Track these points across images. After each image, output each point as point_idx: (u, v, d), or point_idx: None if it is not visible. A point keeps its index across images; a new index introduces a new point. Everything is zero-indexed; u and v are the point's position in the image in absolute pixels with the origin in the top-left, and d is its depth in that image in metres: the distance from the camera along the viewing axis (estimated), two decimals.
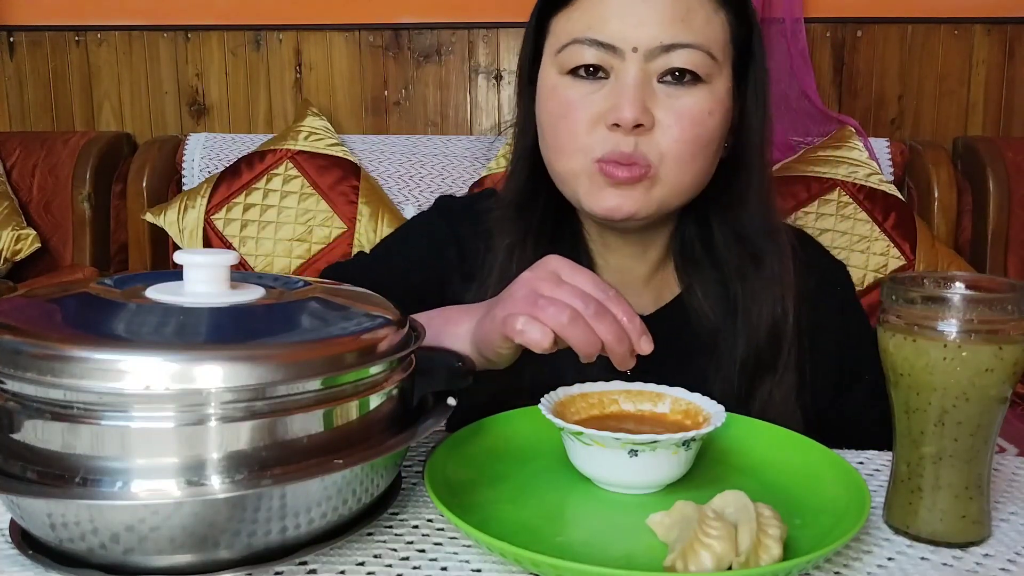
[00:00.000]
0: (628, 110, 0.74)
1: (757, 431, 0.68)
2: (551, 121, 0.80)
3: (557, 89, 0.79)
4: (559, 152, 0.79)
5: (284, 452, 0.48)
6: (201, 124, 2.35)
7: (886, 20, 2.17)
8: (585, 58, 0.76)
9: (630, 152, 0.75)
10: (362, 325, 0.54)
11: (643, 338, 0.61)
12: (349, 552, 0.53)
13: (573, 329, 0.59)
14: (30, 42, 2.35)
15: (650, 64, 0.75)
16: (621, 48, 0.75)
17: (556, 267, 0.63)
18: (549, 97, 0.80)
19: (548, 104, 0.80)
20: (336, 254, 1.99)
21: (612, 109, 0.75)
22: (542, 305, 0.60)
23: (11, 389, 0.47)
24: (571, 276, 0.62)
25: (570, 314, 0.59)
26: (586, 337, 0.59)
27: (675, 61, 0.75)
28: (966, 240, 2.06)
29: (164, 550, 0.47)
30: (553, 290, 0.61)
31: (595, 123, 0.76)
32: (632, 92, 0.74)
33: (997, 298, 0.52)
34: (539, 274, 0.63)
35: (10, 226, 2.06)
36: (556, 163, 0.80)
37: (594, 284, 0.62)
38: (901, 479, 0.57)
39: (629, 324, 0.61)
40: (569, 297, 0.60)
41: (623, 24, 0.75)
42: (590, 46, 0.76)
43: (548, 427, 0.62)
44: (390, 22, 2.26)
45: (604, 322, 0.60)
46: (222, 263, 0.54)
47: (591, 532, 0.56)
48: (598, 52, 0.76)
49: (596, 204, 0.78)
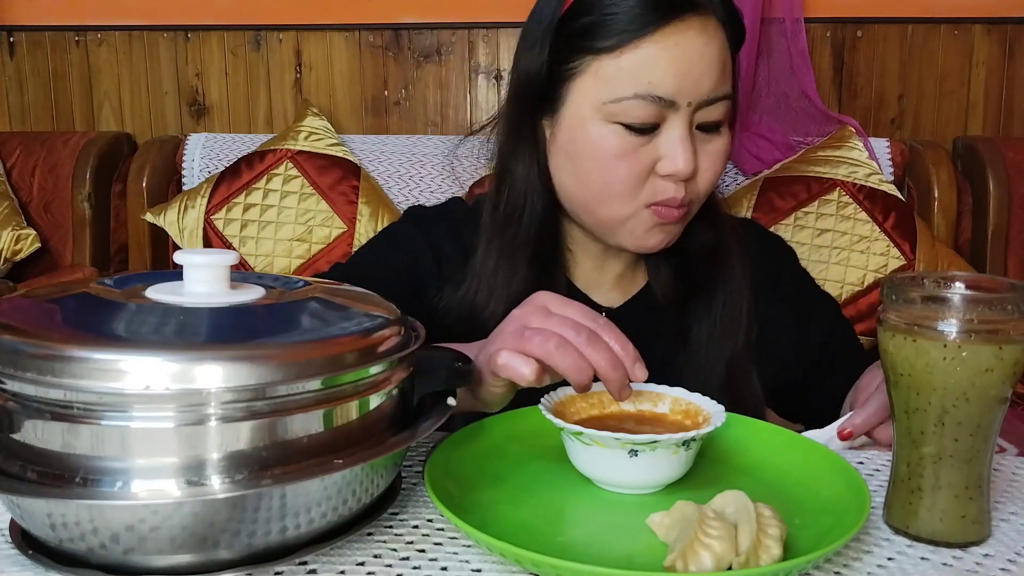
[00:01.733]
0: (685, 164, 0.77)
1: (757, 431, 0.68)
2: (597, 169, 0.79)
3: (608, 139, 0.78)
4: (606, 198, 0.80)
5: (284, 452, 0.48)
6: (201, 124, 2.35)
7: (886, 20, 2.17)
8: (645, 115, 0.76)
9: (681, 197, 0.79)
10: (362, 325, 0.54)
11: (637, 365, 0.61)
12: (349, 552, 0.53)
13: (562, 356, 0.58)
14: (30, 42, 2.35)
15: (695, 115, 0.78)
16: (679, 103, 0.76)
17: (545, 301, 0.63)
18: (594, 146, 0.79)
19: (594, 152, 0.79)
20: (336, 254, 1.99)
21: (667, 161, 0.77)
22: (528, 336, 0.59)
23: (11, 389, 0.47)
24: (560, 308, 0.62)
25: (556, 341, 0.59)
26: (575, 363, 0.59)
27: (715, 113, 0.78)
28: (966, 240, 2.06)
29: (164, 550, 0.47)
30: (542, 321, 0.61)
31: (648, 172, 0.79)
32: (688, 146, 0.77)
33: (997, 298, 0.52)
34: (528, 309, 0.63)
35: (10, 226, 2.06)
36: (599, 208, 0.82)
37: (584, 314, 0.62)
38: (901, 479, 0.57)
39: (622, 351, 0.60)
40: (559, 327, 0.60)
41: (684, 81, 0.76)
42: (651, 103, 0.76)
43: (548, 427, 0.62)
44: (390, 22, 2.26)
45: (597, 349, 0.59)
46: (222, 263, 0.54)
47: (591, 532, 0.56)
48: (657, 108, 0.76)
49: (641, 244, 0.83)
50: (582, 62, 0.78)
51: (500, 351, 0.60)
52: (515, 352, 0.59)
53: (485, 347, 0.64)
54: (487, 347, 0.64)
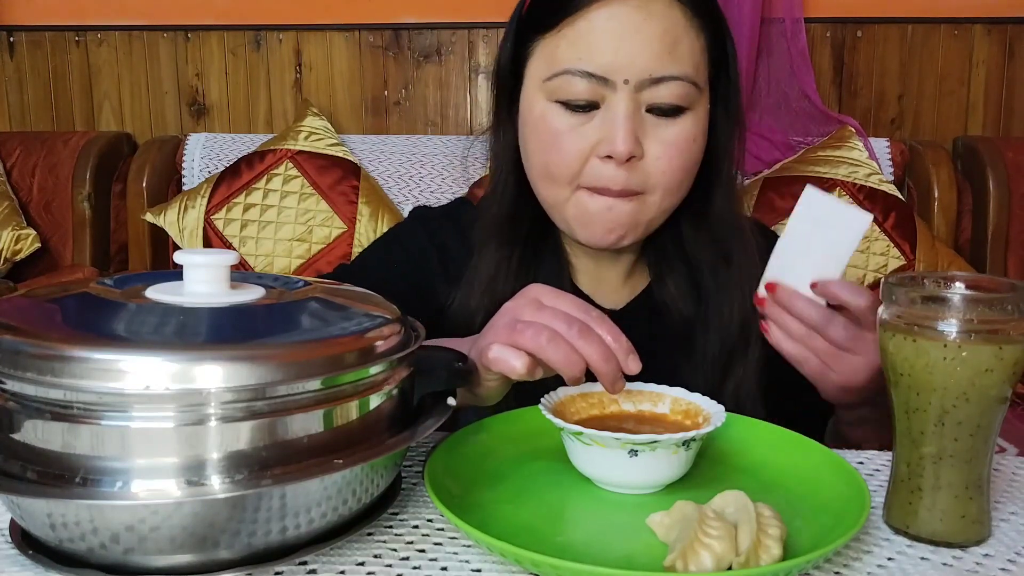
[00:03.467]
0: (622, 144, 0.75)
1: (757, 431, 0.68)
2: (540, 149, 0.79)
3: (546, 118, 0.78)
4: (548, 180, 0.80)
5: (284, 452, 0.48)
6: (201, 124, 2.35)
7: (886, 20, 2.17)
8: (577, 90, 0.76)
9: (620, 185, 0.77)
10: (362, 325, 0.54)
11: (630, 357, 0.60)
12: (349, 552, 0.53)
13: (553, 349, 0.58)
14: (30, 42, 2.35)
15: (639, 95, 0.76)
16: (613, 80, 0.75)
17: (537, 293, 0.63)
18: (537, 125, 0.79)
19: (536, 132, 0.79)
20: (336, 254, 1.99)
21: (605, 141, 0.76)
22: (520, 329, 0.59)
23: (11, 389, 0.47)
24: (553, 300, 0.62)
25: (548, 335, 0.58)
26: (567, 356, 0.59)
27: (663, 94, 0.76)
28: (966, 240, 2.06)
29: (164, 550, 0.47)
30: (534, 314, 0.61)
31: (586, 153, 0.77)
32: (625, 125, 0.75)
33: (997, 298, 0.52)
34: (520, 302, 0.63)
35: (10, 226, 2.06)
36: (544, 190, 0.81)
37: (576, 306, 0.61)
38: (901, 479, 0.57)
39: (615, 343, 0.60)
40: (550, 320, 0.60)
41: (615, 56, 0.75)
42: (582, 77, 0.75)
43: (548, 427, 0.62)
44: (390, 22, 2.26)
45: (589, 341, 0.59)
46: (222, 263, 0.54)
47: (591, 532, 0.56)
48: (590, 84, 0.75)
49: (592, 237, 0.80)
50: (534, 44, 0.79)
51: (492, 344, 0.60)
52: (506, 345, 0.59)
53: (477, 341, 0.64)
54: (479, 341, 0.63)
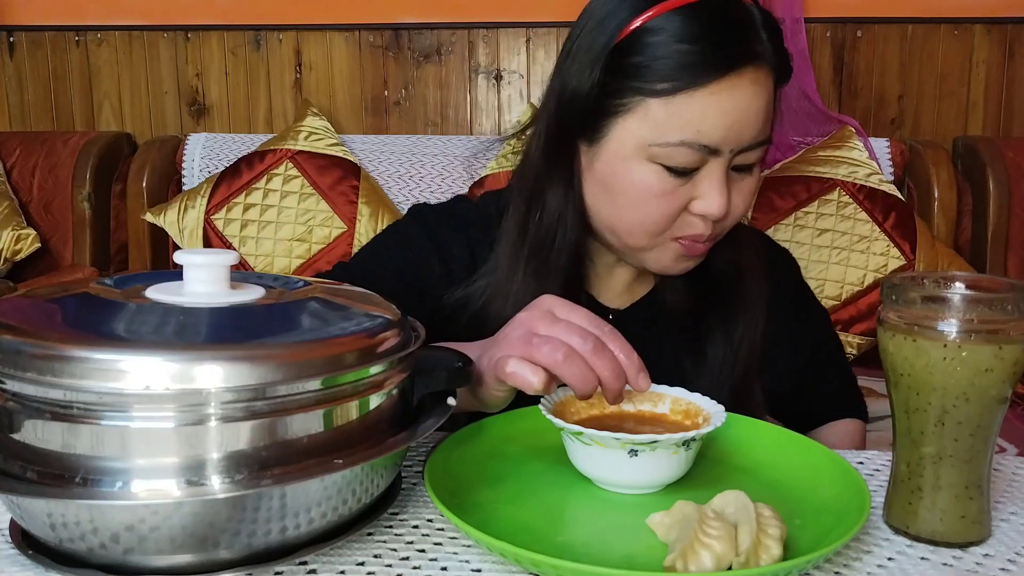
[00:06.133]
0: (719, 209, 0.77)
1: (757, 431, 0.68)
2: (630, 206, 0.79)
3: (648, 178, 0.77)
4: (637, 231, 0.80)
5: (284, 452, 0.48)
6: (201, 124, 2.35)
7: (886, 20, 2.17)
8: (688, 160, 0.76)
9: (711, 236, 0.80)
10: (362, 325, 0.54)
11: (640, 375, 0.61)
12: (349, 552, 0.53)
13: (569, 367, 0.58)
14: (30, 42, 2.35)
15: (734, 158, 0.77)
16: (722, 150, 0.76)
17: (551, 305, 0.62)
18: (634, 184, 0.78)
19: (632, 188, 0.78)
20: (336, 254, 1.99)
21: (701, 202, 0.77)
22: (536, 344, 0.59)
23: (11, 389, 0.47)
24: (567, 313, 0.62)
25: (565, 352, 0.59)
26: (582, 374, 0.59)
27: (752, 156, 0.78)
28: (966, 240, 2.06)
29: (164, 550, 0.47)
30: (549, 328, 0.60)
31: (681, 210, 0.78)
32: (724, 190, 0.77)
33: (997, 298, 0.52)
34: (534, 313, 0.62)
35: (10, 226, 2.07)
36: (628, 238, 0.81)
37: (590, 320, 0.61)
38: (901, 479, 0.57)
39: (627, 360, 0.60)
40: (565, 334, 0.60)
41: (729, 132, 0.75)
42: (696, 150, 0.75)
43: (548, 427, 0.62)
44: (390, 22, 2.26)
45: (603, 359, 0.59)
46: (222, 263, 0.54)
47: (591, 532, 0.56)
48: (700, 154, 0.75)
49: (665, 270, 0.83)
50: (631, 101, 0.76)
51: (508, 358, 0.60)
52: (523, 360, 0.59)
53: (489, 350, 0.64)
54: (492, 351, 0.63)
